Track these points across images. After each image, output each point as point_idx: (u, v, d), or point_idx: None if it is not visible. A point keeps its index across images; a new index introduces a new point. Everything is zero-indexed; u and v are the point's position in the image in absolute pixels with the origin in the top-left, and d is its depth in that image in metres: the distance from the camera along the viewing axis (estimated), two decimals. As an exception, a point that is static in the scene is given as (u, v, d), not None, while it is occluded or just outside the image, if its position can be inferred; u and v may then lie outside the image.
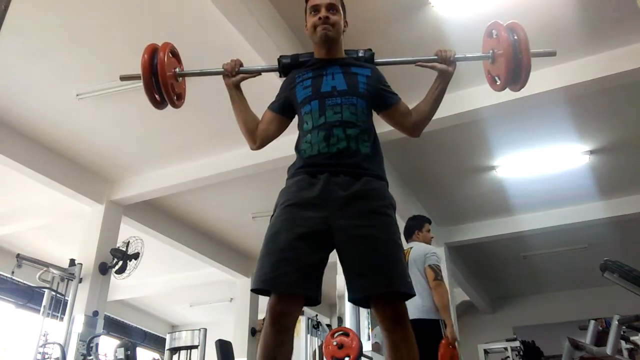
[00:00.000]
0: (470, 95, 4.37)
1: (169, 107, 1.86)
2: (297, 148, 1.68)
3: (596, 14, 3.73)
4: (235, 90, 1.83)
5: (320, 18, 1.73)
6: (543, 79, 4.13)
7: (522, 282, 9.23)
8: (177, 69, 1.84)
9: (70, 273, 5.11)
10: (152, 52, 1.79)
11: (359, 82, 1.71)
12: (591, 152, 5.39)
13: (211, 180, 5.26)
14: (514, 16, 3.69)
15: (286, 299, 1.45)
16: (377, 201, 1.53)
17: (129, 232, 5.71)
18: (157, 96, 1.77)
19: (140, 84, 1.79)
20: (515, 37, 1.71)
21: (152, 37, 4.07)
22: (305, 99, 1.68)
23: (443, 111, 4.46)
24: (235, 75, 1.81)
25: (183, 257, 7.07)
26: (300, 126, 1.71)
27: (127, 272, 5.32)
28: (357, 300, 1.51)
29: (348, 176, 1.54)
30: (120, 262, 5.30)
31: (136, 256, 5.32)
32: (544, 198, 6.30)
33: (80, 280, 5.10)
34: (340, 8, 1.82)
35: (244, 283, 7.81)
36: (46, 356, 4.62)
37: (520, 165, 5.65)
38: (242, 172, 5.08)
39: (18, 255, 4.94)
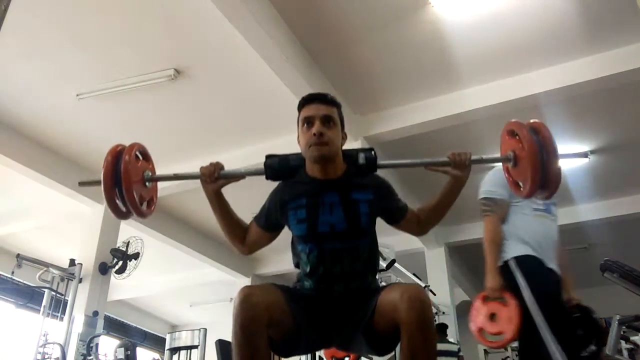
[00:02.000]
0: (470, 95, 4.37)
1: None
2: (297, 266, 1.62)
3: (596, 14, 3.73)
4: (215, 197, 1.61)
5: (314, 134, 1.50)
6: (543, 79, 4.14)
7: (522, 282, 9.21)
8: (147, 172, 1.61)
9: (70, 273, 5.11)
10: (116, 156, 1.52)
11: (360, 215, 1.51)
12: (591, 152, 5.38)
13: (211, 180, 5.26)
14: (514, 16, 3.72)
15: (261, 288, 1.39)
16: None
17: (129, 232, 5.71)
18: (121, 206, 1.54)
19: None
20: (540, 139, 1.50)
21: (152, 37, 4.10)
22: (300, 237, 1.54)
23: (443, 111, 4.50)
24: (215, 181, 1.60)
25: (183, 257, 7.07)
26: (295, 245, 1.61)
27: (127, 272, 5.32)
28: (370, 328, 1.40)
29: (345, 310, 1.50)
30: (120, 262, 5.30)
31: (136, 256, 5.31)
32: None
33: (80, 280, 5.10)
34: (338, 119, 1.57)
35: (244, 283, 7.81)
36: (46, 356, 4.62)
37: (520, 165, 5.63)
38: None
39: (18, 255, 4.94)
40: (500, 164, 1.72)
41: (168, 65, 4.04)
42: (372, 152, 1.61)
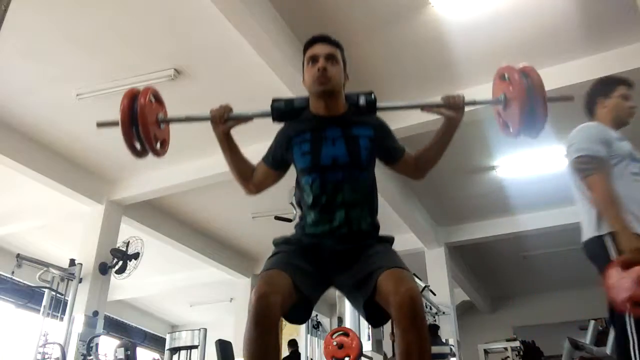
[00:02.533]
0: (470, 96, 4.35)
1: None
2: (299, 209, 1.67)
3: (596, 14, 3.73)
4: (225, 138, 1.69)
5: (318, 69, 1.60)
6: (543, 79, 4.13)
7: (522, 282, 9.23)
8: (160, 115, 1.72)
9: (70, 273, 5.11)
10: (132, 98, 1.62)
11: (361, 149, 1.60)
12: (591, 152, 5.38)
13: (211, 180, 5.26)
14: (514, 16, 3.72)
15: (274, 278, 1.41)
16: (372, 248, 1.57)
17: (129, 232, 5.71)
18: (137, 145, 1.63)
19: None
20: (529, 81, 1.58)
21: (152, 37, 4.10)
22: (304, 169, 1.61)
23: (443, 111, 4.49)
24: (224, 123, 1.67)
25: (183, 257, 7.07)
26: (298, 185, 1.67)
27: (127, 272, 5.32)
28: (368, 306, 1.47)
29: (348, 250, 1.57)
30: (120, 262, 5.30)
31: (136, 256, 5.32)
32: (544, 198, 6.30)
33: (80, 280, 5.10)
34: (341, 59, 1.68)
35: (244, 283, 7.82)
36: (46, 356, 4.62)
37: (520, 165, 5.65)
38: (242, 172, 5.07)
39: (18, 255, 4.94)
40: (588, 123, 1.80)
41: (168, 65, 4.05)
42: (372, 95, 1.71)
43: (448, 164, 6.01)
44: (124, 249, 5.37)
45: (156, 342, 9.53)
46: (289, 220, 4.35)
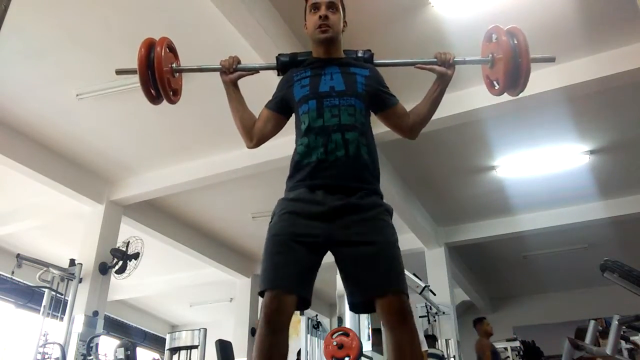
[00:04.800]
0: (470, 95, 4.37)
1: (169, 106, 1.85)
2: (295, 150, 1.67)
3: (596, 14, 3.73)
4: (232, 88, 1.81)
5: (320, 17, 1.73)
6: (543, 79, 4.13)
7: (522, 282, 9.23)
8: (174, 65, 1.82)
9: (70, 273, 5.11)
10: (149, 47, 1.76)
11: (357, 82, 1.70)
12: (591, 152, 5.39)
13: (211, 180, 5.26)
14: (514, 16, 3.71)
15: (280, 297, 1.44)
16: (371, 211, 1.54)
17: (129, 232, 5.71)
18: (152, 91, 1.74)
19: (137, 84, 1.75)
20: (515, 42, 1.70)
21: (152, 37, 4.07)
22: (302, 98, 1.68)
23: (443, 111, 4.46)
24: (232, 73, 1.80)
25: (183, 257, 7.07)
26: (297, 126, 1.71)
27: (127, 272, 5.32)
28: (358, 304, 1.51)
29: (344, 193, 1.54)
30: (120, 262, 5.30)
31: (136, 256, 5.31)
32: (544, 198, 6.30)
33: (80, 280, 5.10)
34: (340, 7, 1.82)
35: (244, 283, 7.82)
36: (46, 356, 4.62)
37: (520, 165, 5.65)
38: (242, 172, 5.08)
39: (18, 255, 4.94)
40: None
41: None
42: (370, 51, 1.88)
43: (448, 164, 6.03)
44: (124, 249, 5.37)
45: (156, 342, 9.52)
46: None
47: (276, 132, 1.81)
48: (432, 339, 5.89)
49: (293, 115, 1.78)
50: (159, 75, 1.70)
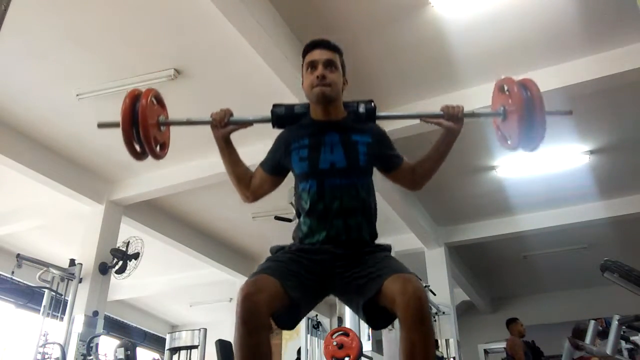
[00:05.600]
0: (470, 95, 4.37)
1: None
2: (299, 224, 1.63)
3: (596, 14, 3.73)
4: (224, 142, 1.69)
5: (317, 77, 1.60)
6: (543, 79, 4.12)
7: (522, 282, 9.23)
8: (161, 117, 1.71)
9: (70, 273, 5.11)
10: (134, 99, 1.62)
11: (359, 154, 1.60)
12: (591, 152, 5.39)
13: (211, 180, 5.26)
14: (514, 16, 3.72)
15: (258, 286, 1.37)
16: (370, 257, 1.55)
17: (129, 232, 5.71)
18: (137, 147, 1.62)
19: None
20: (529, 94, 1.58)
21: (152, 37, 4.10)
22: (302, 175, 1.61)
23: (443, 111, 4.50)
24: (224, 127, 1.67)
25: (183, 257, 7.07)
26: (296, 191, 1.66)
27: (127, 272, 5.32)
28: (367, 306, 1.44)
29: (347, 255, 1.54)
30: (120, 262, 5.30)
31: (136, 256, 5.31)
32: (544, 198, 6.30)
33: (80, 280, 5.10)
34: (340, 65, 1.68)
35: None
36: (46, 356, 4.62)
37: (520, 165, 5.65)
38: (242, 172, 5.07)
39: (18, 255, 4.93)
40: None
41: (168, 65, 4.05)
42: (372, 103, 1.73)
43: (448, 164, 5.96)
44: (124, 249, 5.37)
45: (156, 342, 9.52)
46: (289, 220, 4.34)
47: (274, 189, 1.74)
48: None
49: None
50: (143, 130, 1.58)
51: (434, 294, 6.25)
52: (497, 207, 6.57)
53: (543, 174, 5.78)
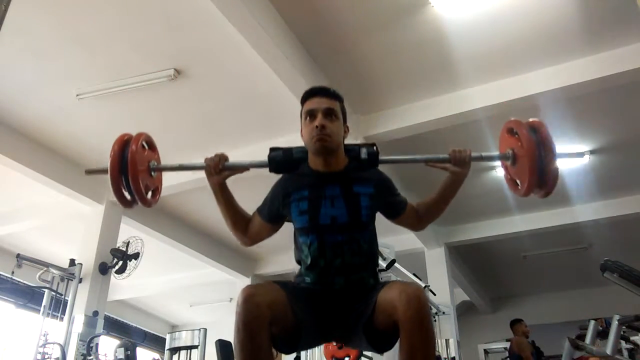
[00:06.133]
0: (470, 95, 4.37)
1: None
2: (300, 272, 1.60)
3: (596, 14, 3.73)
4: (219, 189, 1.62)
5: (316, 127, 1.53)
6: (543, 79, 4.14)
7: (522, 282, 9.23)
8: (152, 162, 1.64)
9: (70, 273, 5.11)
10: (123, 145, 1.55)
11: (361, 208, 1.55)
12: (591, 152, 5.39)
13: (211, 180, 5.26)
14: (514, 16, 3.72)
15: (262, 289, 1.37)
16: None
17: (129, 232, 5.71)
18: (126, 194, 1.56)
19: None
20: (539, 137, 1.52)
21: (152, 37, 4.10)
22: (302, 229, 1.57)
23: (443, 111, 4.50)
24: (219, 173, 1.60)
25: (183, 257, 7.06)
26: (296, 242, 1.64)
27: (127, 272, 5.32)
28: (369, 322, 1.41)
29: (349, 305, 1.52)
30: (120, 262, 5.30)
31: (136, 256, 5.31)
32: (543, 198, 6.29)
33: (80, 280, 5.09)
34: (340, 112, 1.61)
35: (244, 283, 7.81)
36: (46, 356, 4.61)
37: (520, 165, 5.64)
38: (242, 172, 5.07)
39: (18, 255, 4.93)
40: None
41: (168, 65, 4.04)
42: (374, 147, 1.64)
43: (448, 164, 6.00)
44: (124, 249, 5.36)
45: (156, 342, 9.52)
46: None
47: (272, 234, 1.70)
48: None
49: None
50: (133, 179, 1.51)
51: (434, 294, 6.24)
52: (497, 207, 6.57)
53: (543, 174, 5.78)
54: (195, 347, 5.19)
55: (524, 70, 4.17)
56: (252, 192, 2.01)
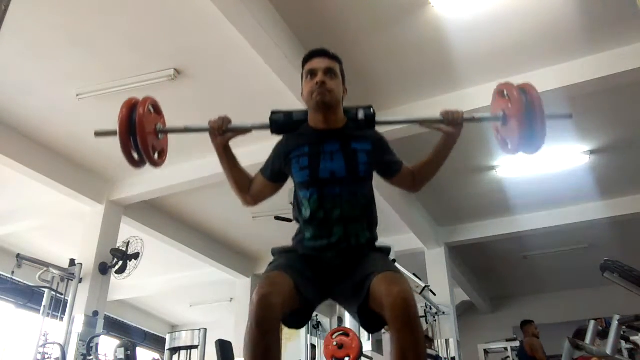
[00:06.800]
0: (470, 95, 4.37)
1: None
2: (300, 229, 1.65)
3: (596, 14, 3.73)
4: (223, 150, 1.70)
5: (317, 83, 1.60)
6: (543, 79, 4.13)
7: (522, 282, 9.23)
8: (158, 125, 1.72)
9: (70, 273, 5.11)
10: (131, 108, 1.64)
11: (359, 164, 1.61)
12: (591, 152, 5.39)
13: (211, 180, 5.25)
14: (514, 16, 3.72)
15: (274, 286, 1.38)
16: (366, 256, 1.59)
17: (129, 232, 5.71)
18: (135, 155, 1.63)
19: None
20: (529, 99, 1.59)
21: (152, 37, 4.10)
22: (302, 183, 1.62)
23: (443, 111, 4.50)
24: (223, 134, 1.67)
25: (183, 257, 7.07)
26: (296, 198, 1.68)
27: (127, 272, 5.32)
28: (362, 310, 1.47)
29: (346, 263, 1.57)
30: (120, 262, 5.30)
31: (136, 256, 5.31)
32: (544, 198, 6.30)
33: (80, 280, 5.10)
34: (339, 73, 1.69)
35: (244, 283, 7.82)
36: (46, 356, 4.62)
37: (520, 165, 5.64)
38: (242, 172, 5.08)
39: (18, 255, 4.93)
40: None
41: (168, 65, 4.05)
42: (371, 110, 1.72)
43: (448, 164, 6.00)
44: (124, 249, 5.36)
45: (156, 342, 9.52)
46: (289, 220, 4.33)
47: (274, 194, 1.76)
48: (427, 341, 5.88)
49: None
50: (141, 139, 1.59)
51: (434, 294, 6.25)
52: (497, 207, 6.57)
53: (543, 174, 5.78)
54: (195, 347, 5.19)
55: (524, 70, 4.16)
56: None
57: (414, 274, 5.95)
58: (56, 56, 3.99)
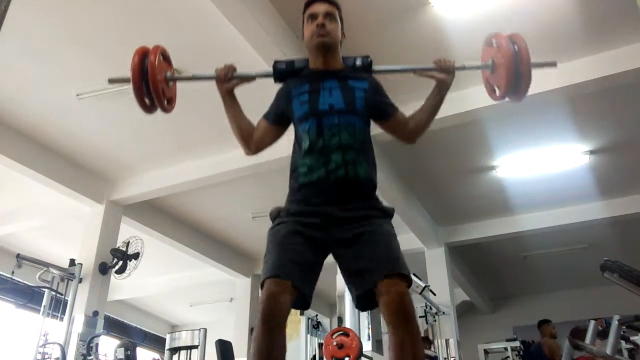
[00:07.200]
0: (470, 95, 4.36)
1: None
2: (294, 165, 1.68)
3: (596, 14, 3.73)
4: (228, 97, 1.80)
5: (317, 25, 1.71)
6: (543, 79, 4.13)
7: (522, 282, 9.23)
8: (168, 73, 1.81)
9: (70, 273, 5.11)
10: (143, 55, 1.75)
11: (356, 98, 1.68)
12: (591, 152, 5.39)
13: (211, 180, 5.26)
14: (514, 16, 3.72)
15: (280, 286, 1.43)
16: (369, 218, 1.60)
17: (129, 232, 5.71)
18: (147, 100, 1.74)
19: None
20: (516, 47, 1.70)
21: (152, 37, 4.07)
22: (302, 116, 1.67)
23: (443, 111, 4.43)
24: (228, 81, 1.78)
25: (183, 257, 7.07)
26: (297, 140, 1.71)
27: (127, 272, 5.32)
28: (361, 297, 1.52)
29: (344, 211, 1.57)
30: (120, 262, 5.30)
31: (136, 256, 5.31)
32: (544, 198, 6.30)
33: (80, 280, 5.10)
34: (338, 18, 1.80)
35: (244, 283, 7.82)
36: (46, 356, 4.62)
37: (520, 165, 5.65)
38: (242, 172, 5.08)
39: (18, 255, 4.94)
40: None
41: (168, 65, 4.04)
42: (368, 58, 1.83)
43: (448, 164, 6.03)
44: (124, 249, 5.37)
45: (156, 342, 9.52)
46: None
47: (275, 141, 1.81)
48: (426, 341, 5.88)
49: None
50: (153, 84, 1.69)
51: (434, 294, 6.25)
52: (497, 207, 6.57)
53: (543, 174, 5.78)
54: (195, 347, 5.19)
55: (524, 70, 4.16)
56: (261, 189, 2.01)
57: (414, 274, 5.95)
58: (56, 56, 3.99)
